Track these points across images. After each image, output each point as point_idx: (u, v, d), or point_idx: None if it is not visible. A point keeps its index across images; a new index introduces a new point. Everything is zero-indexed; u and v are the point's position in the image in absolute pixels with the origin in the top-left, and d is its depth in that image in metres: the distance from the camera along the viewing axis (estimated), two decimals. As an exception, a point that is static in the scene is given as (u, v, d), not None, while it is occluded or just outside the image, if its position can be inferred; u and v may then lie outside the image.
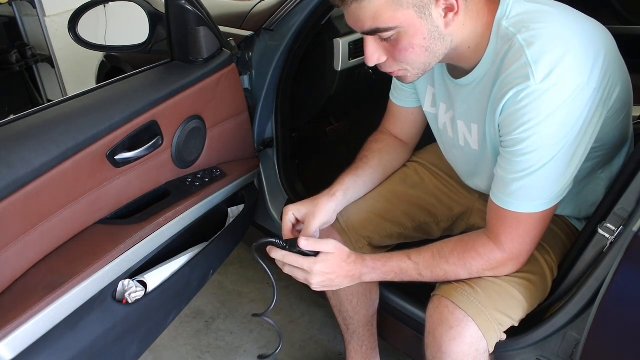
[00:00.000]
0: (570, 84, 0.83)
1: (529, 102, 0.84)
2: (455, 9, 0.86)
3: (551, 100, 0.83)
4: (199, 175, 1.33)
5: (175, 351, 1.73)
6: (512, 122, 0.87)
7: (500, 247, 0.96)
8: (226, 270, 2.04)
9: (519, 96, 0.85)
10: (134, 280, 1.15)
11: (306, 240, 0.99)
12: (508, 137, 0.89)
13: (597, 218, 0.98)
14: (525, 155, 0.88)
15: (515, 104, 0.86)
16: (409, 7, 0.84)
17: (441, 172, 1.31)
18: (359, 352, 1.42)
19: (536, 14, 0.88)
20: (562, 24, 0.88)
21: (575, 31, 0.87)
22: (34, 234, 0.98)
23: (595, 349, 0.95)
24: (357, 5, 0.85)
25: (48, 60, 2.98)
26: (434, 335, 0.99)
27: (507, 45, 0.88)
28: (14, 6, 2.88)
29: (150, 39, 1.40)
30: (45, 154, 0.97)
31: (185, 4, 1.24)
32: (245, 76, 1.51)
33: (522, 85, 0.84)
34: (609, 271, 0.87)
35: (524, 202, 0.92)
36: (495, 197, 0.96)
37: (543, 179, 0.89)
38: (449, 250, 1.00)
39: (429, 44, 0.88)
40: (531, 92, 0.83)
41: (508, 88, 0.86)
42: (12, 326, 0.89)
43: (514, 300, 1.00)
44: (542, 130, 0.85)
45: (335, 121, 2.10)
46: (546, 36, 0.85)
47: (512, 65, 0.86)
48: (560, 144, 0.86)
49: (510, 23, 0.89)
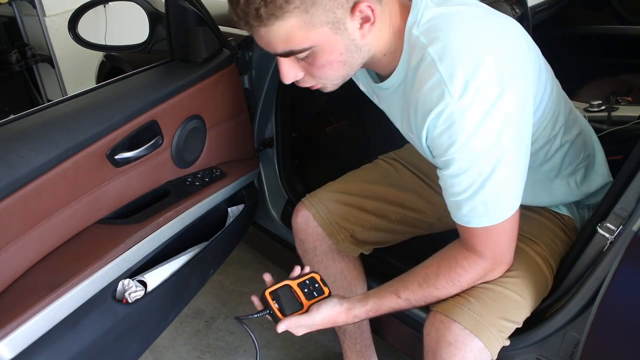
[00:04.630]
0: (490, 95, 0.80)
1: (451, 122, 0.81)
2: (372, 19, 0.82)
3: (473, 115, 0.80)
4: (199, 175, 1.33)
5: (175, 351, 1.73)
6: (439, 145, 0.85)
7: (481, 256, 0.94)
8: (226, 270, 2.04)
9: (440, 118, 0.82)
10: (134, 280, 1.15)
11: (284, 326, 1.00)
12: (440, 159, 0.87)
13: (597, 218, 0.98)
14: (462, 174, 0.85)
15: (439, 127, 0.83)
16: (322, 25, 0.79)
17: (419, 172, 1.30)
18: (354, 350, 1.42)
19: (446, 20, 0.84)
20: (472, 29, 0.83)
21: (487, 35, 0.83)
22: (33, 233, 0.98)
23: (595, 348, 0.95)
24: (266, 29, 0.79)
25: (48, 60, 2.98)
26: (434, 354, 0.96)
27: (419, 57, 0.84)
28: (14, 6, 2.88)
29: (150, 38, 1.40)
30: (45, 154, 0.97)
31: (185, 3, 1.24)
32: (245, 76, 1.51)
33: (441, 105, 0.81)
34: (609, 271, 0.87)
35: (484, 218, 0.89)
36: (454, 217, 0.93)
37: (493, 191, 0.86)
38: (435, 276, 0.97)
39: (346, 58, 0.85)
40: (451, 111, 0.80)
41: (427, 109, 0.83)
42: (12, 326, 0.89)
43: (510, 301, 0.98)
44: (472, 146, 0.82)
45: (335, 121, 2.10)
46: (457, 47, 0.81)
47: (426, 82, 0.82)
48: (495, 154, 0.83)
49: (421, 31, 0.85)
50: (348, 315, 1.02)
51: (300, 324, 1.00)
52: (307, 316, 1.00)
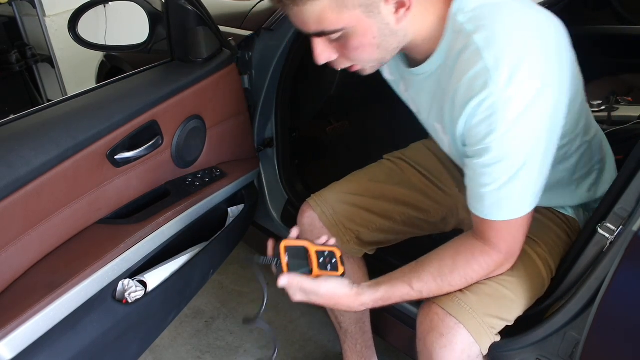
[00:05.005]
0: (532, 88, 0.80)
1: (493, 111, 0.81)
2: (407, 4, 0.82)
3: (515, 106, 0.80)
4: (199, 175, 1.33)
5: (175, 351, 1.73)
6: (476, 133, 0.85)
7: (495, 250, 0.94)
8: (226, 270, 2.04)
9: (482, 106, 0.81)
10: (134, 280, 1.15)
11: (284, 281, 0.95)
12: (474, 148, 0.87)
13: (597, 218, 0.98)
14: (495, 164, 0.85)
15: (479, 115, 0.83)
16: (354, 7, 0.79)
17: (425, 171, 1.30)
18: (354, 351, 1.42)
19: (492, 10, 0.83)
20: (520, 22, 0.83)
21: (533, 28, 0.84)
22: (33, 233, 0.98)
23: (595, 348, 0.95)
24: (299, 9, 0.80)
25: (48, 60, 2.98)
26: (425, 343, 0.98)
27: (463, 43, 0.84)
28: (14, 6, 2.87)
29: (150, 39, 1.40)
30: (45, 154, 0.97)
31: (185, 3, 1.24)
32: (245, 76, 1.51)
33: (484, 93, 0.80)
34: (609, 271, 0.87)
35: (506, 211, 0.90)
36: (474, 209, 0.93)
37: (520, 185, 0.87)
38: (450, 271, 0.96)
39: (379, 41, 0.85)
40: (494, 100, 0.80)
41: (469, 97, 0.83)
42: (12, 326, 0.90)
43: (506, 300, 0.98)
44: (510, 137, 0.82)
45: (335, 121, 2.10)
46: (504, 37, 0.81)
47: (469, 69, 0.82)
48: (529, 147, 0.84)
49: (466, 18, 0.84)
50: (355, 300, 0.98)
51: (303, 286, 0.95)
52: (312, 282, 0.95)
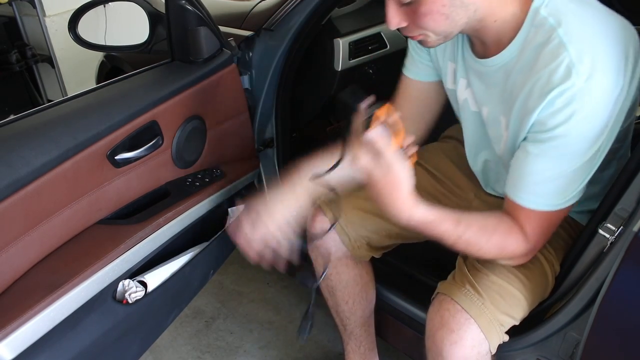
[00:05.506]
0: (611, 86, 0.83)
1: (572, 102, 0.83)
2: None
3: (592, 99, 0.83)
4: (199, 175, 1.33)
5: (175, 351, 1.73)
6: (551, 121, 0.86)
7: (526, 239, 0.95)
8: (226, 270, 2.04)
9: (562, 96, 0.83)
10: (134, 281, 1.15)
11: (374, 134, 0.85)
12: (541, 135, 0.88)
13: (597, 218, 0.98)
14: (560, 154, 0.87)
15: (557, 104, 0.84)
16: None
17: (438, 173, 1.30)
18: (357, 353, 1.42)
19: (575, 8, 0.86)
20: (601, 21, 0.87)
21: (615, 28, 0.87)
22: (34, 234, 0.98)
23: (595, 349, 0.95)
24: None
25: (48, 60, 2.98)
26: (434, 339, 0.98)
27: (544, 37, 0.86)
28: (14, 6, 2.87)
29: (150, 39, 1.40)
30: (46, 154, 0.97)
31: (185, 4, 1.24)
32: (245, 76, 1.51)
33: (566, 83, 0.82)
34: (609, 271, 0.88)
35: (553, 200, 0.91)
36: (515, 196, 0.94)
37: (569, 179, 0.89)
38: (492, 229, 0.95)
39: (449, 11, 0.86)
40: (575, 92, 0.82)
41: (550, 87, 0.84)
42: (12, 326, 0.89)
43: (514, 298, 0.99)
44: (580, 129, 0.85)
45: (335, 121, 2.10)
46: (588, 34, 0.84)
47: (552, 60, 0.84)
48: (591, 143, 0.86)
49: (549, 12, 0.86)
50: (409, 208, 0.90)
51: (384, 150, 0.86)
52: (393, 155, 0.86)
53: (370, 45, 1.70)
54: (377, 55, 1.72)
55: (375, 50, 1.71)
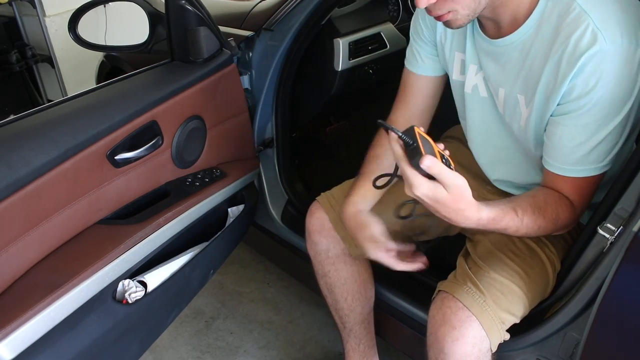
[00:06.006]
0: (632, 46, 0.85)
1: (600, 65, 0.85)
2: None
3: (621, 61, 0.84)
4: (199, 175, 1.33)
5: (175, 351, 1.73)
6: (584, 86, 0.87)
7: (573, 206, 0.97)
8: (226, 270, 2.04)
9: (592, 61, 0.85)
10: (134, 281, 1.15)
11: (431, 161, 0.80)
12: (579, 102, 0.89)
13: (597, 218, 0.98)
14: (595, 119, 0.89)
15: (588, 69, 0.86)
16: None
17: None
18: (357, 351, 1.42)
19: None
20: None
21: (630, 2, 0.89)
22: (34, 234, 0.98)
23: (595, 349, 0.95)
24: None
25: (48, 60, 2.98)
26: (436, 335, 0.98)
27: (563, 9, 0.88)
28: (14, 6, 2.87)
29: (150, 39, 1.40)
30: (46, 154, 0.97)
31: (185, 4, 1.24)
32: (245, 76, 1.51)
33: (594, 47, 0.84)
34: (609, 271, 0.87)
35: (593, 165, 0.93)
36: (561, 170, 0.95)
37: (609, 141, 0.91)
38: (544, 205, 0.96)
39: None
40: (604, 55, 0.84)
41: (578, 54, 0.86)
42: (12, 326, 0.89)
43: (515, 295, 1.00)
44: (613, 91, 0.86)
45: (335, 121, 2.10)
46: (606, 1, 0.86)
47: (576, 28, 0.86)
48: (625, 104, 0.88)
49: None
50: (476, 213, 0.89)
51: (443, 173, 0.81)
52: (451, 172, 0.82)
53: (370, 45, 1.70)
54: (377, 55, 1.72)
55: (375, 50, 1.71)
